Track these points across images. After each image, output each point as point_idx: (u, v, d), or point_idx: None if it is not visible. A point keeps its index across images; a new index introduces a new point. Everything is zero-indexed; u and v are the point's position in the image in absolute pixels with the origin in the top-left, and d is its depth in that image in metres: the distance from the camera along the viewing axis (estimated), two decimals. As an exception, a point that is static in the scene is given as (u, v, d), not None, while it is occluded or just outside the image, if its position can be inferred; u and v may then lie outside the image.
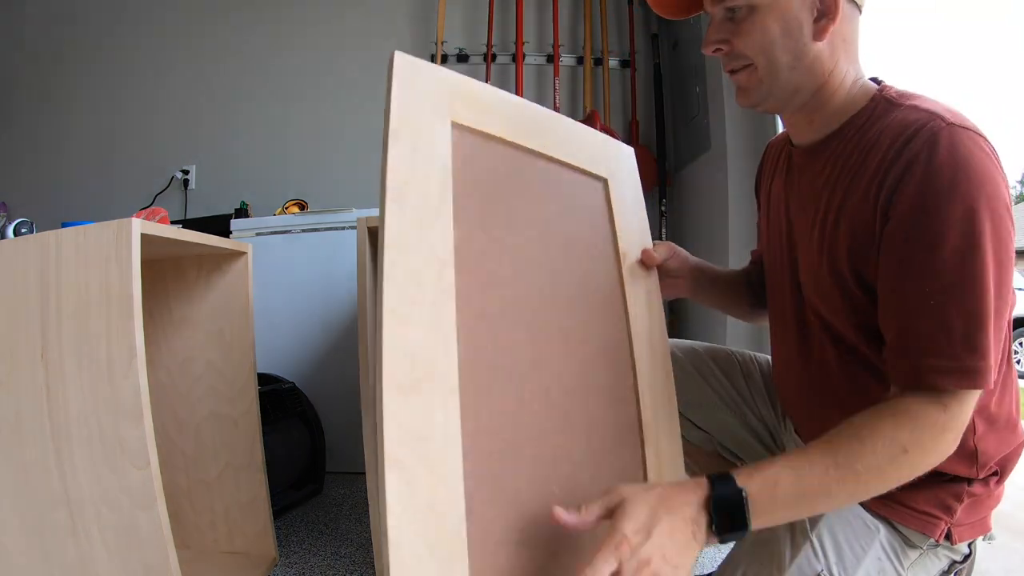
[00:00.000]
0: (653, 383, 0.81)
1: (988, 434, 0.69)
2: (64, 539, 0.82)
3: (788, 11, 0.71)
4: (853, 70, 0.74)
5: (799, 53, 0.72)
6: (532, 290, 0.73)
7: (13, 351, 0.83)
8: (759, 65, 0.74)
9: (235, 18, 2.75)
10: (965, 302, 0.60)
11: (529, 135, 0.79)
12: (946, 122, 0.62)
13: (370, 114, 2.69)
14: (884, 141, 0.67)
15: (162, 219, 1.57)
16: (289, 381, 1.75)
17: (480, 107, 0.75)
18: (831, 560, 0.69)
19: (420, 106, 0.69)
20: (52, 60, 2.79)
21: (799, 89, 0.74)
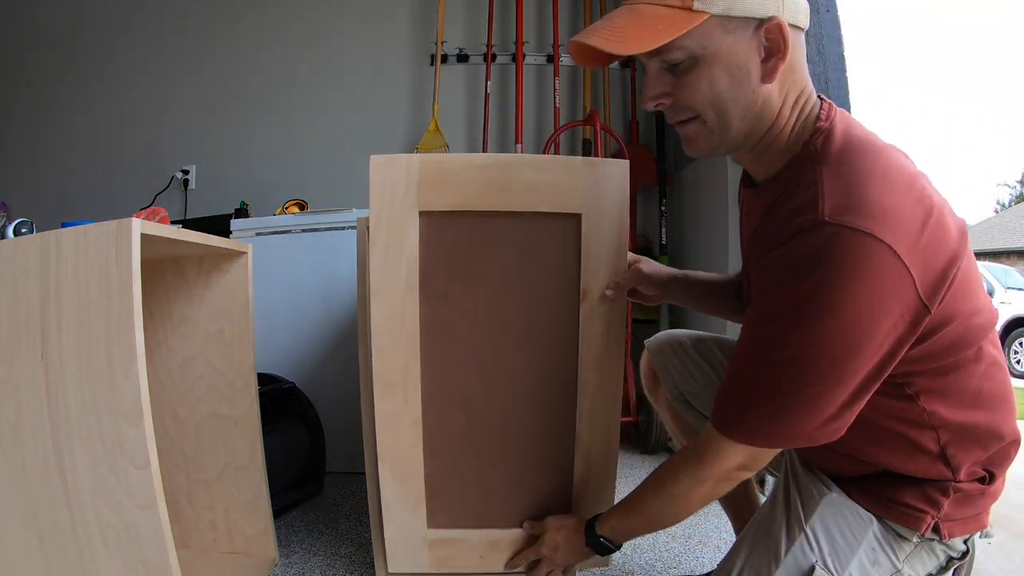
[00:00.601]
0: (594, 403, 1.00)
1: (956, 444, 0.69)
2: (64, 539, 0.82)
3: (734, 58, 0.67)
4: (801, 100, 0.71)
5: (749, 101, 0.69)
6: (485, 340, 0.99)
7: (13, 351, 0.83)
8: (708, 119, 0.70)
9: (235, 18, 2.75)
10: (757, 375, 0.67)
11: (492, 195, 0.94)
12: (826, 222, 0.60)
13: (370, 114, 2.69)
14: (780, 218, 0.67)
15: (162, 219, 1.57)
16: (289, 381, 1.75)
17: (446, 183, 0.93)
18: (825, 551, 0.71)
19: (392, 206, 0.94)
20: (53, 60, 2.79)
21: (750, 135, 0.71)
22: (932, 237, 0.61)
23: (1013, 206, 21.24)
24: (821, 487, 0.75)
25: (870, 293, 0.60)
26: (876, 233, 0.59)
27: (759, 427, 0.68)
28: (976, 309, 0.67)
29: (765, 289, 0.67)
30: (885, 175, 0.63)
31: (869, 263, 0.59)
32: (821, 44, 1.58)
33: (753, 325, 0.69)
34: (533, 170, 0.94)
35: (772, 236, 0.68)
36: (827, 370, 0.63)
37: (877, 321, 0.61)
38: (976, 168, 69.15)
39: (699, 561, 1.23)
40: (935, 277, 0.61)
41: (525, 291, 0.98)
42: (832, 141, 0.68)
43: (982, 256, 11.19)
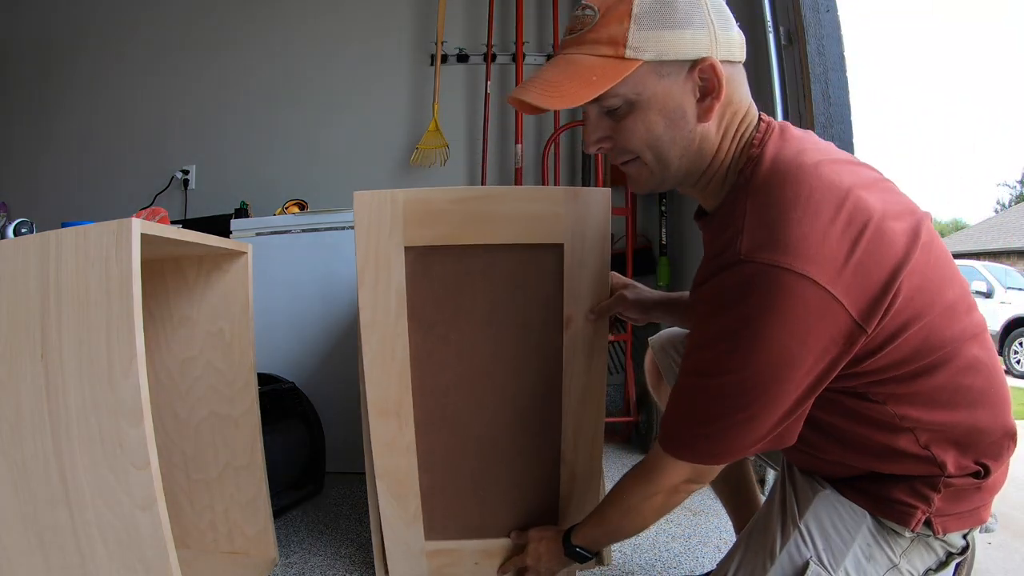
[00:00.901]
0: (578, 424, 1.05)
1: (938, 443, 0.68)
2: (64, 539, 0.82)
3: (669, 101, 0.68)
4: (742, 128, 0.72)
5: (687, 141, 0.71)
6: (473, 368, 1.04)
7: (13, 351, 0.83)
8: (647, 160, 0.73)
9: (236, 18, 2.75)
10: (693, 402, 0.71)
11: (475, 228, 0.97)
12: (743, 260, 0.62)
13: (371, 114, 2.69)
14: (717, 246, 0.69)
15: (162, 219, 1.57)
16: (289, 381, 1.75)
17: (429, 218, 0.96)
18: (819, 546, 0.72)
19: (379, 242, 0.96)
20: (53, 61, 2.79)
21: (690, 172, 0.74)
22: (866, 254, 0.61)
23: (1013, 206, 21.23)
24: (815, 485, 0.76)
25: (792, 326, 0.61)
26: (794, 267, 0.60)
27: (699, 448, 0.71)
28: (948, 307, 0.66)
29: (697, 321, 0.72)
30: (809, 201, 0.62)
31: (788, 298, 0.60)
32: (821, 44, 1.58)
33: (690, 354, 0.72)
34: (514, 201, 0.97)
35: (704, 269, 0.72)
36: (755, 397, 0.65)
37: (803, 350, 0.62)
38: (976, 168, 69.09)
39: (699, 561, 1.23)
40: (872, 295, 0.61)
41: (510, 319, 1.01)
42: (760, 170, 0.68)
43: (982, 256, 11.19)
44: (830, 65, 1.57)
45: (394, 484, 1.06)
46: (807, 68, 1.57)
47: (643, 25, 0.67)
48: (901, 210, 0.65)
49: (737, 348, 0.64)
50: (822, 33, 1.58)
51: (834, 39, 1.58)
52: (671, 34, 0.67)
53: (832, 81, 1.56)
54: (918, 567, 0.72)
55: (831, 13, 1.60)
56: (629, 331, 2.30)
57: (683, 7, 0.67)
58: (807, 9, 1.59)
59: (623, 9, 0.67)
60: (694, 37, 0.67)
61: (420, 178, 2.64)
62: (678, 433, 0.73)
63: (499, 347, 1.03)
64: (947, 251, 0.69)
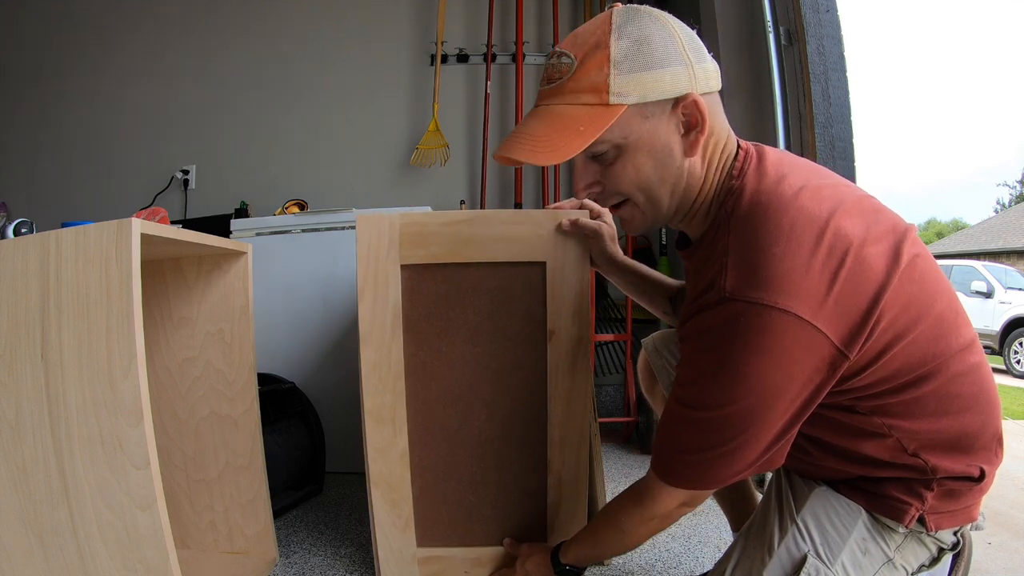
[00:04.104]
0: (563, 433, 1.09)
1: (928, 450, 0.69)
2: (64, 539, 0.82)
3: (656, 141, 0.69)
4: (722, 157, 0.73)
5: (675, 179, 0.72)
6: (463, 379, 1.10)
7: (13, 351, 0.83)
8: (638, 201, 0.74)
9: (236, 18, 2.75)
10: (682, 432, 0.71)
11: (464, 249, 1.06)
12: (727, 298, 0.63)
13: (371, 114, 2.69)
14: (703, 282, 0.69)
15: (162, 219, 1.57)
16: (289, 381, 1.75)
17: (424, 239, 1.06)
18: (816, 541, 0.73)
19: (378, 260, 1.07)
20: (53, 60, 2.79)
21: (680, 207, 0.75)
22: (847, 284, 0.61)
23: (1013, 206, 21.24)
24: (811, 482, 0.78)
25: (776, 360, 0.62)
26: (778, 304, 0.61)
27: (691, 475, 0.72)
28: (936, 319, 0.66)
29: (685, 355, 0.72)
30: (791, 235, 0.63)
31: (772, 335, 0.61)
32: (821, 44, 1.58)
33: (678, 386, 0.72)
34: (500, 224, 1.06)
35: (689, 307, 0.72)
36: (743, 429, 0.66)
37: (788, 381, 0.63)
38: (976, 168, 69.01)
39: (699, 561, 1.23)
40: (853, 323, 0.62)
41: (497, 333, 1.09)
42: (740, 204, 0.69)
43: (982, 256, 11.19)
44: (830, 65, 1.57)
45: (388, 490, 1.10)
46: (807, 68, 1.57)
47: (623, 69, 0.67)
48: (883, 231, 0.65)
49: (723, 384, 0.65)
50: (822, 33, 1.58)
51: (834, 39, 1.59)
52: (651, 75, 0.67)
53: (832, 81, 1.56)
54: (911, 562, 0.73)
55: (831, 13, 1.60)
56: (629, 331, 2.30)
57: (659, 47, 0.67)
58: (807, 9, 1.59)
59: (601, 55, 0.67)
60: (674, 75, 0.68)
61: (420, 178, 2.64)
62: (669, 461, 0.74)
63: (488, 359, 1.09)
64: (934, 263, 0.69)
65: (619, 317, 2.38)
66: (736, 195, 0.69)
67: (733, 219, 0.68)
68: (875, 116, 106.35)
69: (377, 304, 1.07)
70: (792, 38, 1.65)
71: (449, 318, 1.09)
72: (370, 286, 1.06)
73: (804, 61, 1.58)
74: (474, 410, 1.11)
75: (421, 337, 1.09)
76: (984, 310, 7.00)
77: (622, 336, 2.30)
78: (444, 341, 1.09)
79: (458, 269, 1.07)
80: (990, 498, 0.75)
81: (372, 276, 1.06)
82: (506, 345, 1.09)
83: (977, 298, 7.16)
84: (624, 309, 2.34)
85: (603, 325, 2.36)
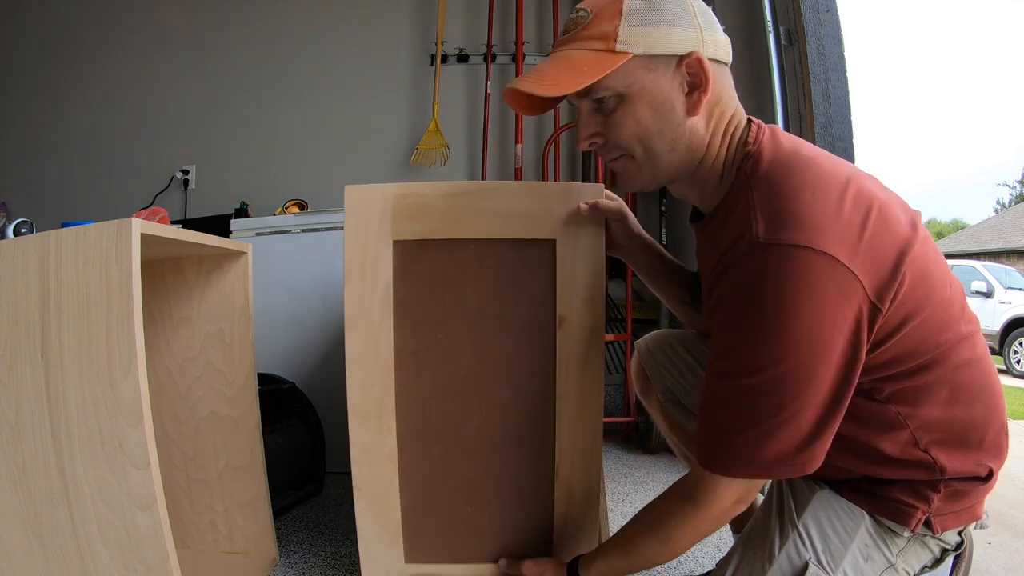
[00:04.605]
0: (573, 436, 0.98)
1: (938, 445, 0.68)
2: (64, 539, 0.82)
3: (658, 95, 0.70)
4: (731, 128, 0.74)
5: (675, 135, 0.72)
6: (461, 371, 0.97)
7: (13, 351, 0.83)
8: (636, 154, 0.74)
9: (235, 18, 2.75)
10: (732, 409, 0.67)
11: (465, 224, 0.94)
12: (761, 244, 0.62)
13: (371, 115, 2.69)
14: (727, 242, 0.68)
15: (162, 219, 1.57)
16: (289, 381, 1.75)
17: (420, 212, 0.94)
18: (818, 548, 0.72)
19: (367, 235, 0.94)
20: (53, 60, 2.79)
21: (680, 168, 0.75)
22: (875, 234, 0.62)
23: (1013, 206, 21.24)
24: (812, 485, 0.76)
25: (818, 303, 0.60)
26: (812, 244, 0.60)
27: (748, 457, 0.67)
28: (943, 303, 0.67)
29: (721, 321, 0.69)
30: (815, 186, 0.64)
31: (811, 275, 0.60)
32: (821, 44, 1.58)
33: (718, 359, 0.70)
34: (507, 197, 0.95)
35: (719, 268, 0.70)
36: (797, 388, 0.63)
37: (834, 331, 0.61)
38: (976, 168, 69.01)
39: (699, 561, 1.23)
40: (885, 275, 0.62)
41: (501, 319, 0.96)
42: (760, 163, 0.69)
43: (982, 256, 11.19)
44: (830, 65, 1.57)
45: (374, 498, 0.99)
46: (807, 68, 1.57)
47: (633, 22, 0.69)
48: (898, 203, 0.67)
49: (769, 339, 0.62)
50: (822, 33, 1.58)
51: (834, 39, 1.59)
52: (659, 31, 0.69)
53: (832, 81, 1.56)
54: (914, 565, 0.72)
55: (831, 13, 1.60)
56: (629, 331, 2.29)
57: (671, 7, 0.70)
58: (807, 9, 1.59)
59: (614, 8, 0.70)
60: (681, 35, 0.70)
61: (420, 178, 2.64)
62: (720, 447, 0.69)
63: (489, 349, 0.97)
64: (940, 252, 0.70)
65: (619, 317, 2.38)
66: (754, 158, 0.70)
67: (755, 177, 0.68)
68: (875, 116, 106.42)
69: (365, 285, 0.94)
70: (792, 38, 1.65)
71: (446, 302, 0.96)
72: (358, 264, 0.94)
73: (804, 61, 1.58)
74: (473, 407, 0.98)
75: (414, 323, 0.96)
76: (984, 310, 7.00)
77: (622, 336, 2.30)
78: (440, 328, 0.96)
79: (457, 246, 0.95)
80: (990, 497, 0.75)
81: (361, 253, 0.94)
82: (510, 334, 0.97)
83: (977, 298, 7.16)
84: (624, 309, 2.34)
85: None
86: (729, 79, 0.75)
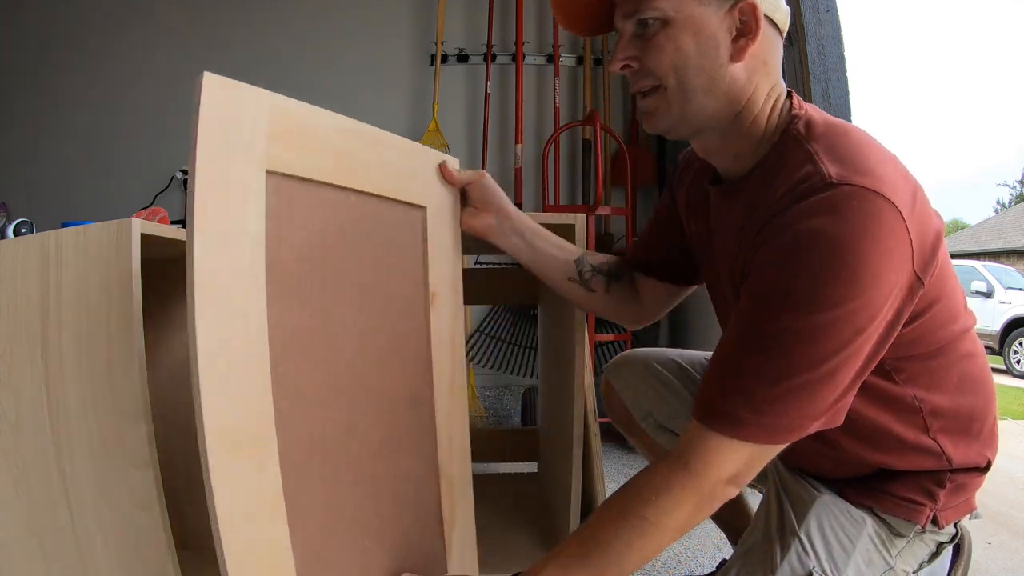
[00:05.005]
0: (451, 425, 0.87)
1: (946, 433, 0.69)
2: (64, 539, 0.82)
3: (705, 28, 0.67)
4: (774, 94, 0.71)
5: (714, 75, 0.68)
6: (343, 362, 0.72)
7: (13, 351, 0.83)
8: (668, 87, 0.69)
9: (235, 17, 2.75)
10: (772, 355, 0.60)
11: (356, 171, 0.74)
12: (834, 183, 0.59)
13: (370, 114, 2.68)
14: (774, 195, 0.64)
15: (162, 219, 1.57)
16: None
17: (305, 142, 0.67)
18: (821, 557, 0.70)
19: (230, 155, 0.59)
20: (52, 60, 2.79)
21: (714, 115, 0.70)
22: (921, 211, 0.62)
23: (1013, 206, 21.25)
24: (811, 491, 0.74)
25: (888, 252, 0.57)
26: (886, 194, 0.58)
27: (764, 418, 0.59)
28: (952, 295, 0.68)
29: (770, 265, 0.61)
30: (876, 150, 0.64)
31: (884, 223, 0.57)
32: (821, 44, 1.58)
33: (758, 303, 0.62)
34: (396, 150, 0.81)
35: (766, 218, 0.64)
36: (848, 336, 0.57)
37: (894, 283, 0.58)
38: (976, 168, 69.03)
39: (699, 561, 1.23)
40: (927, 252, 0.61)
41: (380, 294, 0.77)
42: (814, 124, 0.68)
43: (982, 256, 11.20)
44: (830, 65, 1.57)
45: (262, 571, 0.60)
46: (807, 68, 1.57)
47: None
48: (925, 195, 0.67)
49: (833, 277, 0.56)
50: (822, 33, 1.58)
51: (834, 39, 1.59)
52: None
53: (832, 81, 1.56)
54: (912, 564, 0.72)
55: (831, 13, 1.60)
56: (629, 331, 2.29)
57: None
58: (807, 9, 1.59)
59: None
60: None
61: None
62: (736, 401, 0.60)
63: (373, 330, 0.76)
64: None
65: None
66: (806, 120, 0.68)
67: (812, 133, 0.66)
68: (875, 116, 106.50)
69: (227, 232, 0.59)
70: (792, 38, 1.65)
71: (328, 268, 0.70)
72: (214, 198, 0.57)
73: (804, 61, 1.58)
74: (359, 409, 0.74)
75: (290, 297, 0.65)
76: (984, 310, 7.00)
77: (622, 336, 2.30)
78: (324, 302, 0.69)
79: (340, 197, 0.72)
80: (990, 497, 0.75)
81: (221, 182, 0.58)
82: (389, 312, 0.78)
83: (977, 298, 7.16)
84: (624, 309, 2.33)
85: (603, 325, 2.36)
86: (779, 48, 0.71)
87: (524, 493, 1.57)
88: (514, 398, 2.64)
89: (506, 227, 0.89)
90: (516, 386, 2.60)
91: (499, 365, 2.41)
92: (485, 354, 2.43)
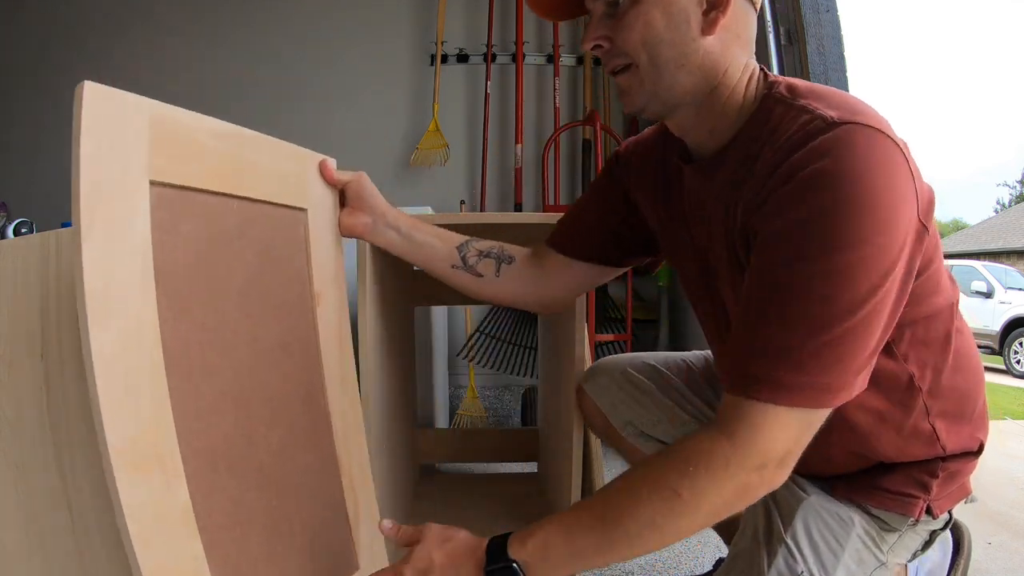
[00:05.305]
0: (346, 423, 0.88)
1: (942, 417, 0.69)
2: (64, 539, 0.82)
3: (674, 2, 0.65)
4: (750, 67, 0.70)
5: (685, 49, 0.66)
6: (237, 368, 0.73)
7: (13, 351, 0.83)
8: (640, 63, 0.68)
9: (235, 17, 2.75)
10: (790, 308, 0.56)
11: (233, 177, 0.77)
12: (837, 122, 0.58)
13: (370, 114, 2.69)
14: (770, 154, 0.62)
15: (162, 219, 1.57)
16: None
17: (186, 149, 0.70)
18: (809, 560, 0.69)
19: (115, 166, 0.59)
20: (52, 60, 2.79)
21: (689, 91, 0.68)
22: (914, 167, 0.61)
23: (1013, 206, 21.26)
24: (798, 492, 0.73)
25: (895, 187, 0.56)
26: (887, 132, 0.58)
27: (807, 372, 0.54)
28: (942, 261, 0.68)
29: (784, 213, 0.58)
30: (864, 103, 0.63)
31: (890, 158, 0.57)
32: (821, 44, 1.58)
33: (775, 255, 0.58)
34: (272, 153, 0.83)
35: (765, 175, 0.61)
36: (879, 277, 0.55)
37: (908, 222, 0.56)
38: (976, 168, 69.03)
39: (699, 561, 1.23)
40: (926, 199, 0.61)
41: (267, 298, 0.79)
42: (796, 86, 0.67)
43: (982, 256, 11.19)
44: (830, 65, 1.57)
45: None
46: (807, 68, 1.57)
47: None
48: None
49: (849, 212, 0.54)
50: (822, 33, 1.58)
51: (834, 39, 1.59)
52: None
53: (832, 81, 1.56)
54: (904, 556, 0.72)
55: (831, 13, 1.60)
56: (629, 331, 2.30)
57: None
58: (807, 9, 1.59)
59: None
60: None
61: (420, 178, 2.64)
62: (779, 362, 0.55)
63: (261, 335, 0.78)
64: None
65: (619, 317, 2.38)
66: (786, 84, 0.67)
67: (797, 92, 0.65)
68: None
69: (116, 243, 0.61)
70: (792, 38, 1.65)
71: (211, 274, 0.72)
72: (102, 211, 0.59)
73: (804, 61, 1.58)
74: (256, 414, 0.75)
75: (181, 306, 0.66)
76: (984, 310, 7.00)
77: (622, 336, 2.30)
78: (211, 309, 0.71)
79: (222, 204, 0.74)
80: (990, 497, 0.75)
81: (108, 194, 0.59)
82: (276, 314, 0.81)
83: (977, 298, 7.16)
84: (624, 309, 2.34)
85: (603, 325, 2.36)
86: (754, 21, 0.70)
87: (524, 493, 1.58)
88: (514, 398, 2.64)
89: (380, 224, 0.88)
90: (516, 386, 2.60)
91: (499, 365, 2.41)
92: (485, 354, 2.43)
